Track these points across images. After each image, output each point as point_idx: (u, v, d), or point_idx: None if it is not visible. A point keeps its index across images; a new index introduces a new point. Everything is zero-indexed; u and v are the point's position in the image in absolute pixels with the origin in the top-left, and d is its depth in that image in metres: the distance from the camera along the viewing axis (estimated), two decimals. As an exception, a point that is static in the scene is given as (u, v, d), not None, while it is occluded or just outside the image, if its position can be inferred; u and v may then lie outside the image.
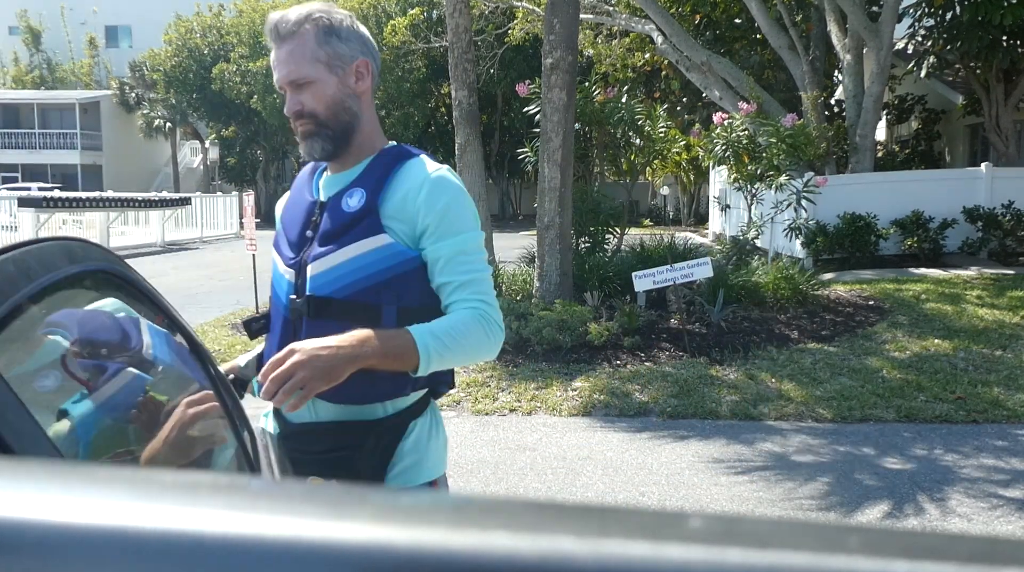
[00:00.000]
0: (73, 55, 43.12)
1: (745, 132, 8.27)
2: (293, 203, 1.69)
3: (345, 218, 1.55)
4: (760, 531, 0.31)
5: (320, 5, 1.58)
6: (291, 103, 1.56)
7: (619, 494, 3.93)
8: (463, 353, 1.50)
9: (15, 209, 15.15)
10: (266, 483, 0.94)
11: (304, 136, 1.58)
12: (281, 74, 1.55)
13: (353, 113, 1.59)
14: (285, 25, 1.54)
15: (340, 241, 1.54)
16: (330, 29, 1.55)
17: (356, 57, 1.58)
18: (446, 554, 0.29)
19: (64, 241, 1.07)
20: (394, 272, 1.53)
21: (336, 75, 1.56)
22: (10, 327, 0.87)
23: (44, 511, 0.31)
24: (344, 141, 1.59)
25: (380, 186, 1.56)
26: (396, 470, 1.60)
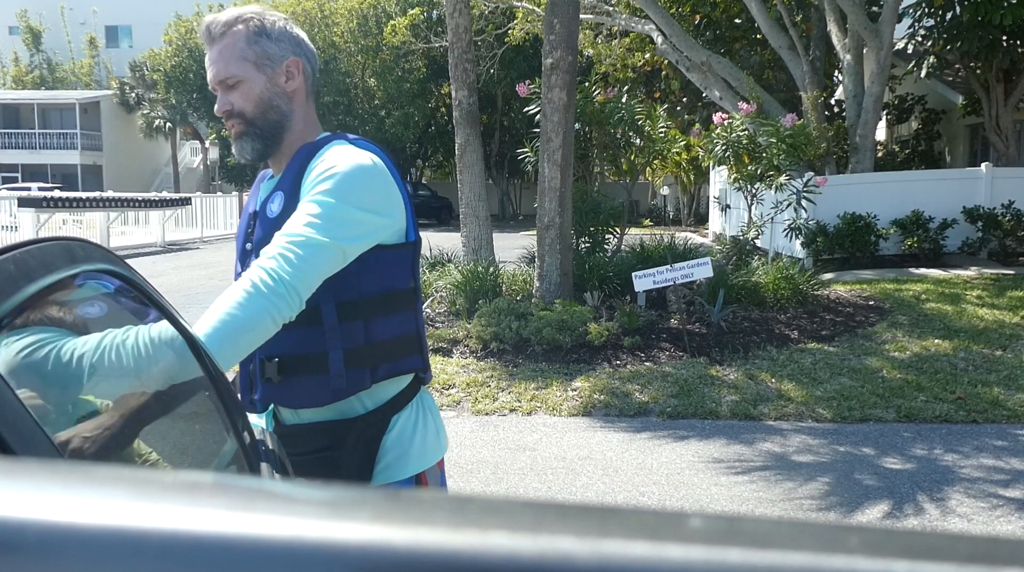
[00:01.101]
0: (73, 55, 43.12)
1: (745, 132, 8.27)
2: (243, 216, 1.70)
3: (269, 225, 1.53)
4: (760, 531, 0.31)
5: (254, 8, 1.59)
6: (221, 103, 1.56)
7: (619, 494, 3.93)
8: (237, 332, 1.29)
9: (15, 209, 15.15)
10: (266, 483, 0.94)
11: (235, 136, 1.58)
12: (211, 74, 1.56)
13: (283, 112, 1.58)
14: (216, 26, 1.55)
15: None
16: (261, 30, 1.56)
17: (286, 56, 1.58)
18: (446, 554, 0.29)
19: (64, 241, 1.07)
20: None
21: (265, 74, 1.55)
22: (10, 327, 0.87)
23: (44, 511, 0.31)
24: (274, 140, 1.58)
25: (296, 185, 1.51)
26: (381, 465, 1.60)
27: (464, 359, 6.38)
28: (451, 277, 7.65)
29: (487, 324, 6.58)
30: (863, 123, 12.13)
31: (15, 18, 42.92)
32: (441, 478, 1.71)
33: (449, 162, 32.12)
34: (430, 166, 36.33)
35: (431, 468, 1.65)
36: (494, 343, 6.47)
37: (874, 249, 11.02)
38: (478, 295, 7.39)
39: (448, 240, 12.99)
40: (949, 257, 11.17)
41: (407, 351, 1.60)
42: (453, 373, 6.00)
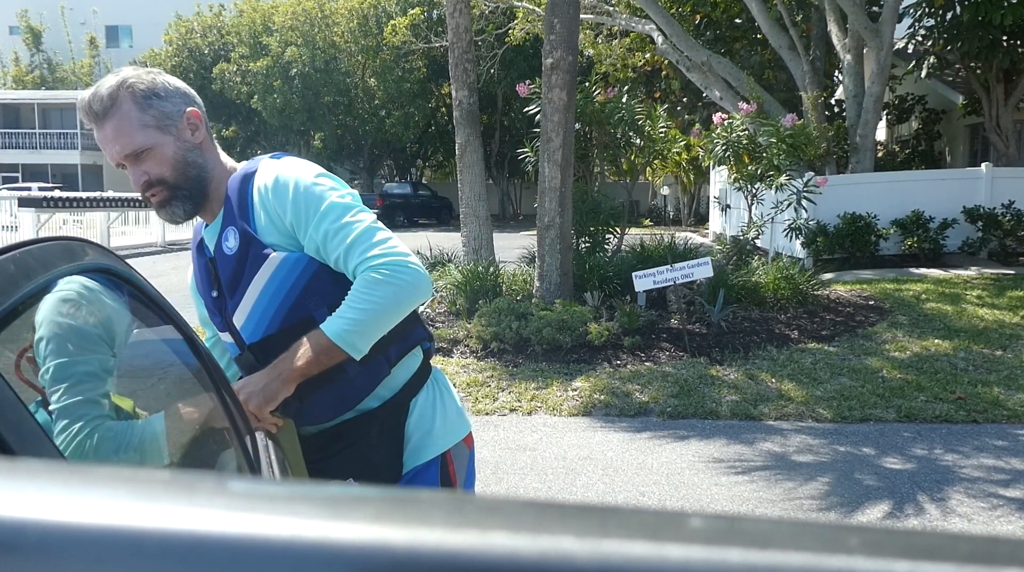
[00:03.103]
0: (73, 55, 43.13)
1: (745, 132, 8.27)
2: (197, 268, 1.69)
3: (232, 261, 1.54)
4: (760, 531, 0.31)
5: (127, 71, 1.53)
6: (136, 176, 1.50)
7: (619, 494, 3.93)
8: (384, 313, 1.45)
9: (15, 209, 15.15)
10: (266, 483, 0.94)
11: (160, 205, 1.53)
12: (114, 151, 1.48)
13: (199, 165, 1.55)
14: (99, 102, 1.47)
15: (242, 284, 1.54)
16: (148, 92, 1.49)
17: (182, 110, 1.53)
18: (446, 554, 0.29)
19: (64, 241, 1.07)
20: (304, 280, 1.53)
21: (171, 134, 1.51)
22: (10, 327, 0.87)
23: (44, 511, 0.31)
24: (201, 195, 1.56)
25: (245, 215, 1.53)
26: (409, 448, 1.63)
27: (464, 359, 6.38)
28: (451, 277, 7.65)
29: (487, 324, 6.58)
30: (863, 123, 12.13)
31: (15, 18, 42.92)
32: (470, 456, 1.73)
33: (449, 162, 32.12)
34: (430, 166, 36.34)
35: (457, 446, 1.68)
36: (494, 343, 6.47)
37: (874, 249, 11.01)
38: (478, 295, 7.39)
39: (448, 240, 12.99)
40: (949, 257, 11.17)
41: (409, 324, 1.62)
42: (453, 373, 6.00)
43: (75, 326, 1.01)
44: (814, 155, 11.10)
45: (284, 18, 29.69)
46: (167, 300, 1.38)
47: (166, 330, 1.38)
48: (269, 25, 30.67)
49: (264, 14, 31.28)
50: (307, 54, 28.94)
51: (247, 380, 1.48)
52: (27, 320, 0.96)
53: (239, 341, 1.60)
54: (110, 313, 1.10)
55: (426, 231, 22.09)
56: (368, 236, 1.48)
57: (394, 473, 1.62)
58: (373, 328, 1.45)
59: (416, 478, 1.62)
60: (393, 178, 33.80)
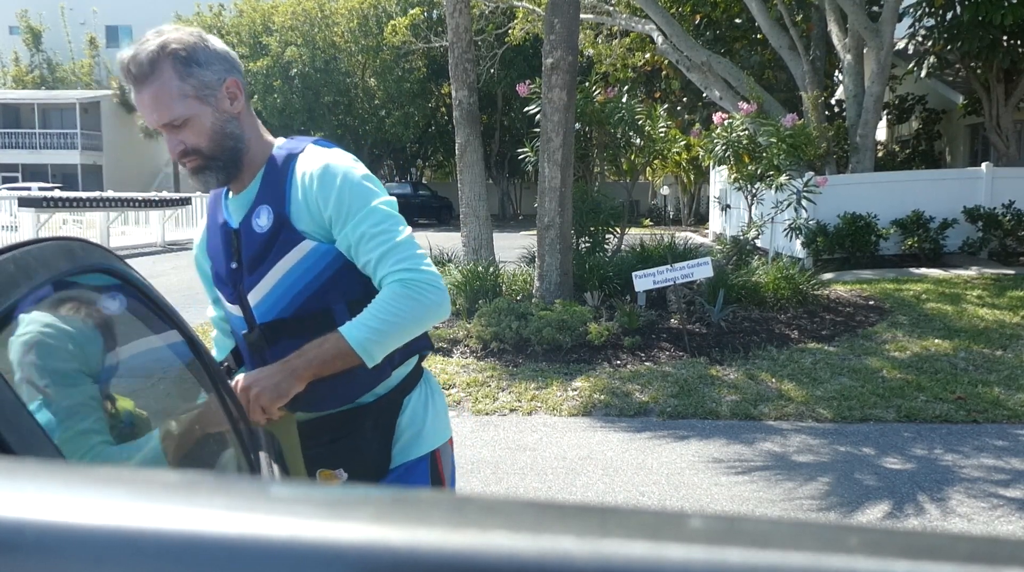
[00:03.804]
0: (73, 55, 43.13)
1: (745, 132, 8.27)
2: (213, 234, 1.66)
3: (261, 240, 1.53)
4: (760, 531, 0.31)
5: (169, 33, 1.49)
6: (172, 143, 1.50)
7: (619, 494, 3.93)
8: (403, 327, 1.46)
9: (15, 209, 15.15)
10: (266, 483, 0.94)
11: (194, 172, 1.53)
12: (152, 118, 1.47)
13: (237, 136, 1.53)
14: (138, 67, 1.44)
15: (266, 263, 1.53)
16: (188, 59, 1.46)
17: (224, 79, 1.51)
18: (446, 554, 0.29)
19: (64, 241, 1.07)
20: (329, 272, 1.53)
21: (210, 105, 1.49)
22: (10, 327, 0.87)
23: (44, 511, 0.31)
24: (235, 166, 1.55)
25: (282, 196, 1.52)
26: (399, 446, 1.64)
27: (464, 359, 6.38)
28: (451, 277, 7.65)
29: (487, 324, 6.58)
30: (863, 123, 12.13)
31: (15, 18, 42.91)
32: (451, 456, 1.76)
33: (449, 162, 32.13)
34: (430, 166, 36.34)
35: (444, 445, 1.71)
36: (494, 343, 6.47)
37: (874, 249, 11.01)
38: (478, 295, 7.39)
39: (448, 240, 12.99)
40: (949, 257, 11.17)
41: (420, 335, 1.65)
42: (453, 373, 6.00)
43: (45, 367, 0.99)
44: (814, 155, 11.10)
45: (284, 18, 29.69)
46: (167, 300, 1.38)
47: (166, 330, 1.38)
48: (269, 25, 30.67)
49: (264, 14, 31.28)
50: (307, 54, 28.94)
51: (259, 373, 1.47)
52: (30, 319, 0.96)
53: (248, 317, 1.59)
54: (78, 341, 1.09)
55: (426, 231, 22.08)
56: (404, 249, 1.49)
57: (382, 467, 1.63)
58: (392, 340, 1.47)
59: (407, 474, 1.63)
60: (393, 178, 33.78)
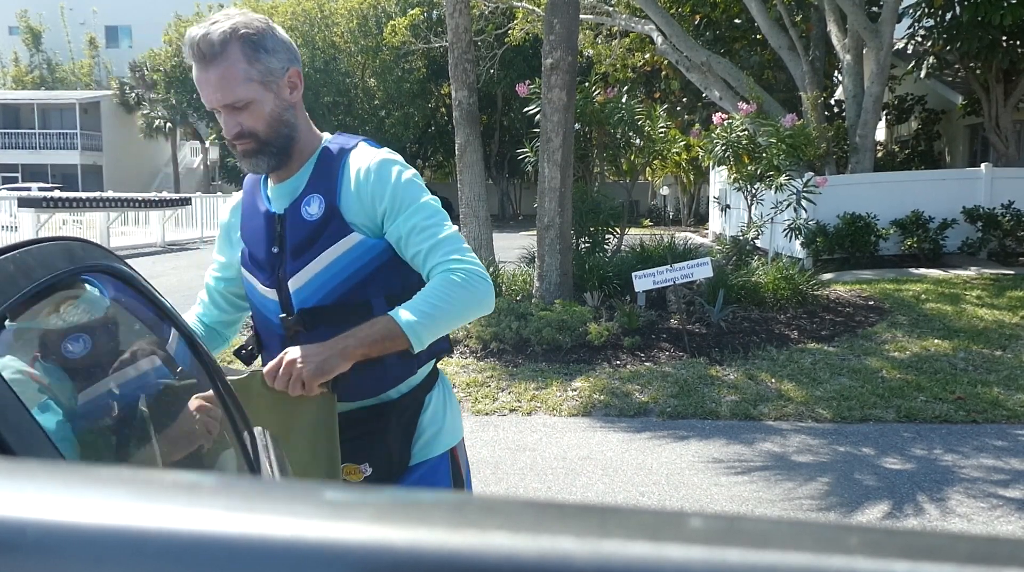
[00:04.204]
0: (73, 55, 43.12)
1: (745, 132, 8.27)
2: (250, 218, 1.67)
3: (310, 227, 1.56)
4: (760, 531, 0.31)
5: (239, 17, 1.51)
6: (229, 125, 1.51)
7: (619, 494, 3.93)
8: (453, 315, 1.50)
9: (15, 209, 15.15)
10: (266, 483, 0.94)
11: (246, 154, 1.55)
12: (214, 98, 1.49)
13: (292, 125, 1.57)
14: (209, 46, 1.46)
15: (312, 251, 1.55)
16: (257, 44, 1.49)
17: (287, 68, 1.54)
18: (446, 554, 0.29)
19: (64, 241, 1.07)
20: (372, 266, 1.56)
21: (272, 91, 1.52)
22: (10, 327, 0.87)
23: (44, 511, 0.31)
24: (287, 153, 1.57)
25: (334, 188, 1.56)
26: (420, 443, 1.68)
27: (464, 359, 6.38)
28: (451, 277, 7.63)
29: (487, 324, 6.58)
30: (863, 123, 12.13)
31: (15, 18, 42.91)
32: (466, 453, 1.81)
33: (449, 162, 32.13)
34: (430, 166, 36.35)
35: (459, 443, 1.76)
36: (494, 343, 6.47)
37: (874, 249, 11.01)
38: (478, 295, 7.38)
39: (448, 240, 12.96)
40: (949, 257, 11.17)
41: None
42: (453, 373, 6.00)
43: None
44: (814, 155, 11.10)
45: (284, 18, 29.67)
46: (167, 300, 1.38)
47: (166, 331, 1.38)
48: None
49: (264, 14, 31.26)
50: (307, 54, 28.92)
51: (307, 348, 1.47)
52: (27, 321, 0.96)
53: (285, 301, 1.61)
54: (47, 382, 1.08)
55: (426, 231, 22.03)
56: (453, 242, 1.54)
57: (403, 464, 1.66)
58: (441, 326, 1.50)
59: (430, 472, 1.67)
60: (393, 178, 33.66)
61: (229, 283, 1.77)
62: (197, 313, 1.80)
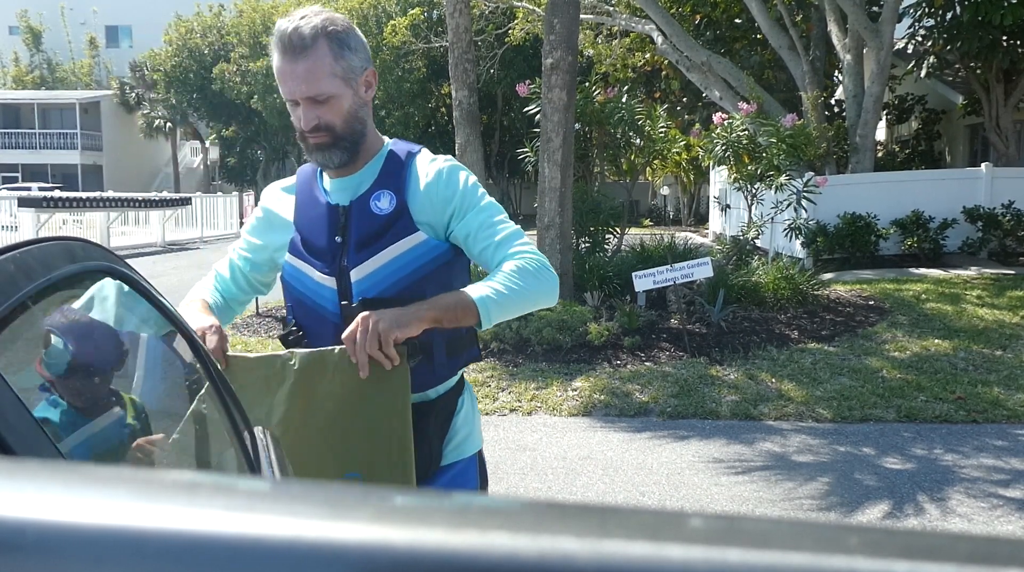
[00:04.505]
0: (73, 55, 43.13)
1: (745, 132, 8.27)
2: (308, 208, 1.70)
3: (379, 222, 1.61)
4: (760, 531, 0.31)
5: (325, 14, 1.58)
6: (308, 118, 1.56)
7: (619, 494, 3.93)
8: (522, 299, 1.56)
9: (15, 209, 15.14)
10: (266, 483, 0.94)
11: (319, 147, 1.59)
12: (299, 90, 1.54)
13: (364, 122, 1.63)
14: (300, 39, 1.52)
15: (378, 244, 1.61)
16: (343, 42, 1.56)
17: (365, 67, 1.61)
18: (446, 554, 0.29)
19: (64, 241, 1.07)
20: (432, 266, 1.62)
21: (351, 88, 1.58)
22: (10, 327, 0.87)
23: (44, 511, 0.31)
24: (356, 149, 1.63)
25: (403, 187, 1.63)
26: (452, 444, 1.73)
27: (464, 359, 6.38)
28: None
29: (487, 324, 6.58)
30: (863, 123, 12.13)
31: (15, 18, 42.90)
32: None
33: (449, 162, 32.06)
34: (430, 166, 36.28)
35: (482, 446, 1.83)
36: (494, 343, 6.47)
37: (874, 249, 11.01)
38: (478, 295, 7.38)
39: (448, 240, 12.97)
40: (949, 257, 11.17)
41: (473, 339, 1.75)
42: (453, 373, 6.00)
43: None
44: (814, 155, 11.10)
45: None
46: (167, 300, 1.38)
47: (166, 331, 1.38)
48: (269, 25, 30.65)
49: (264, 14, 31.28)
50: (307, 54, 28.91)
51: (380, 310, 1.50)
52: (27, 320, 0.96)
53: (345, 290, 1.64)
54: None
55: (426, 231, 22.06)
56: (520, 236, 1.64)
57: (435, 463, 1.71)
58: (509, 308, 1.56)
59: (460, 473, 1.73)
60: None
61: (256, 267, 1.79)
62: (214, 284, 1.81)
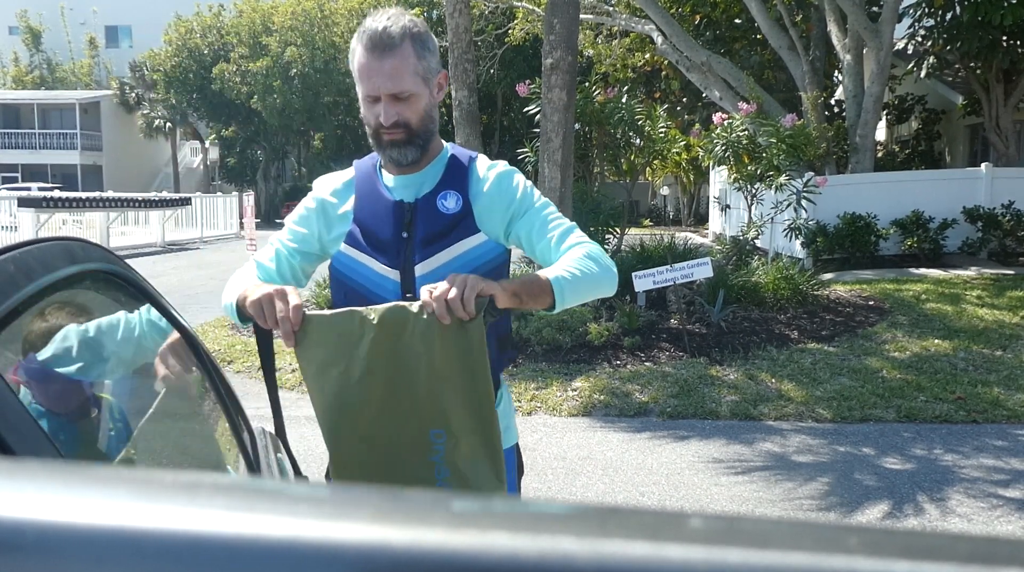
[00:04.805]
0: (73, 55, 43.12)
1: (745, 132, 8.27)
2: (371, 202, 1.74)
3: (445, 220, 1.68)
4: (760, 531, 0.31)
5: (408, 15, 1.65)
6: (388, 114, 1.61)
7: (619, 494, 3.93)
8: (589, 285, 1.62)
9: (15, 209, 15.14)
10: (266, 483, 0.94)
11: (394, 144, 1.65)
12: (384, 86, 1.60)
13: (435, 122, 1.70)
14: (389, 38, 1.59)
15: (444, 241, 1.67)
16: (424, 43, 1.63)
17: (440, 70, 1.69)
18: (446, 554, 0.29)
19: (64, 241, 1.07)
20: (490, 266, 1.69)
21: (428, 88, 1.65)
22: (10, 327, 0.86)
23: (44, 511, 0.31)
24: (426, 147, 1.69)
25: (466, 188, 1.70)
26: None
27: (464, 359, 6.38)
28: (451, 277, 7.63)
29: (487, 324, 6.58)
30: (863, 123, 12.13)
31: (15, 18, 42.89)
32: None
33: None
34: (430, 166, 36.27)
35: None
36: (494, 343, 6.46)
37: (874, 249, 11.01)
38: (478, 295, 7.38)
39: (448, 240, 12.97)
40: (949, 257, 11.17)
41: (513, 340, 1.83)
42: (453, 373, 5.99)
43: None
44: (814, 155, 11.10)
45: (284, 18, 29.68)
46: (167, 300, 1.38)
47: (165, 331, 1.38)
48: (269, 25, 30.66)
49: (264, 14, 31.27)
50: (307, 54, 28.94)
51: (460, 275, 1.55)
52: (27, 320, 0.96)
53: (409, 283, 1.69)
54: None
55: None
56: (576, 230, 1.71)
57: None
58: (579, 291, 1.60)
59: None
60: (393, 178, 33.66)
61: (307, 257, 1.79)
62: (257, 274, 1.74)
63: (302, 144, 34.54)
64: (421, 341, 1.45)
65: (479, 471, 1.46)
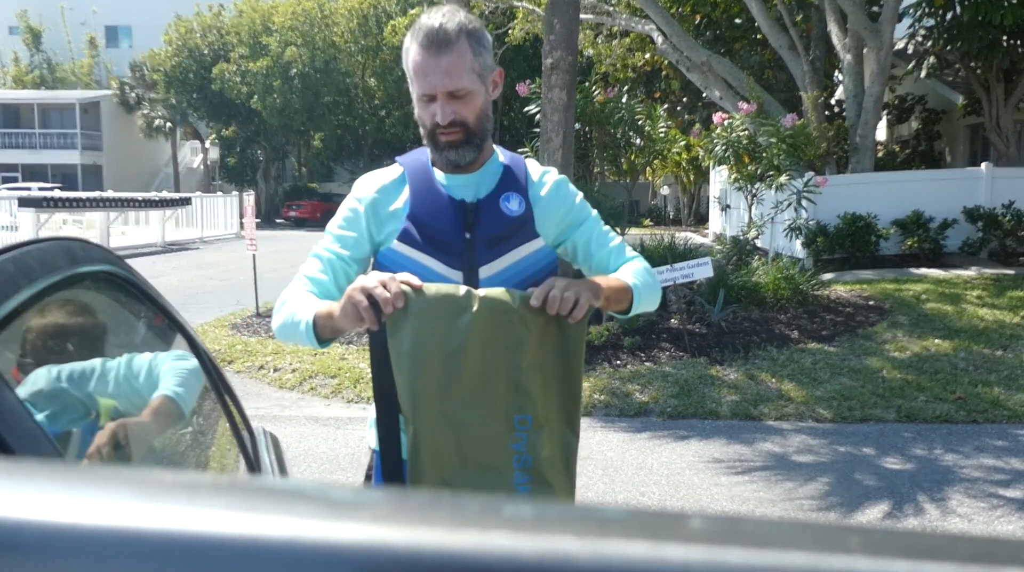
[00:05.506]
0: (73, 55, 43.12)
1: (745, 132, 8.27)
2: (428, 201, 1.67)
3: (509, 223, 1.66)
4: (760, 531, 0.31)
5: (462, 12, 1.63)
6: (445, 112, 1.59)
7: (619, 494, 3.93)
8: (650, 295, 1.68)
9: (15, 209, 15.14)
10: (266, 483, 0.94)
11: (451, 144, 1.62)
12: (441, 83, 1.57)
13: (491, 120, 1.68)
14: (444, 35, 1.56)
15: (508, 243, 1.66)
16: (480, 40, 1.61)
17: (495, 67, 1.67)
18: (446, 554, 0.29)
19: (64, 241, 1.07)
20: (543, 271, 1.67)
21: (485, 86, 1.63)
22: (10, 327, 0.87)
23: (44, 511, 0.31)
24: (482, 147, 1.67)
25: (525, 191, 1.69)
26: None
27: (464, 359, 6.38)
28: (451, 277, 7.63)
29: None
30: (863, 123, 12.12)
31: (15, 18, 42.89)
32: None
33: (449, 162, 32.06)
34: (430, 166, 36.28)
35: None
36: (494, 343, 6.46)
37: (874, 249, 11.01)
38: (478, 295, 7.38)
39: (448, 240, 12.96)
40: (949, 257, 11.17)
41: None
42: (453, 373, 6.00)
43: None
44: (814, 155, 11.10)
45: (284, 18, 29.68)
46: (167, 300, 1.38)
47: (165, 330, 1.38)
48: (269, 25, 30.66)
49: (264, 14, 31.27)
50: (307, 54, 28.93)
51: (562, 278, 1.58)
52: (27, 320, 0.96)
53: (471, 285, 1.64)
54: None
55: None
56: (625, 245, 1.76)
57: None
58: (644, 300, 1.66)
59: None
60: (393, 178, 33.68)
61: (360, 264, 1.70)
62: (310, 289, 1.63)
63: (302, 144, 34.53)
64: (523, 325, 1.47)
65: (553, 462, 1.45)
